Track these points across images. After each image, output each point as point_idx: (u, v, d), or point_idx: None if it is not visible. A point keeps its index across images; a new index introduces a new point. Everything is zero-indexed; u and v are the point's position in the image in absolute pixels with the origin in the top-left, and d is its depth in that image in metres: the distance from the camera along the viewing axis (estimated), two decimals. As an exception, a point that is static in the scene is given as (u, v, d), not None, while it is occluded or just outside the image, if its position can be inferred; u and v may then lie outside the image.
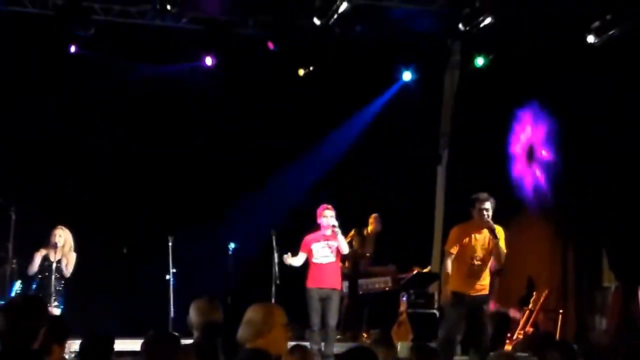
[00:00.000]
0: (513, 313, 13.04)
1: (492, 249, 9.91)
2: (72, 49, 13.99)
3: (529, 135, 14.09)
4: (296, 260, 11.37)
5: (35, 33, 13.42)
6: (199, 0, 13.22)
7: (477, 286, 10.01)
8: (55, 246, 11.19)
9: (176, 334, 6.01)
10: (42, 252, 11.19)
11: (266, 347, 5.37)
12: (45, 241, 11.27)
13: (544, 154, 13.73)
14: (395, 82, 15.37)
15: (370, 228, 14.10)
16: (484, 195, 9.90)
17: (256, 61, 14.14)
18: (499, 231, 9.93)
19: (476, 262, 9.97)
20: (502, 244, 9.89)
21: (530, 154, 14.02)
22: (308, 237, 11.47)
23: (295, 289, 11.18)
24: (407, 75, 15.27)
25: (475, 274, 10.01)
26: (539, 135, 13.85)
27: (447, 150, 15.36)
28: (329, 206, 11.45)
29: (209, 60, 14.46)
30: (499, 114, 13.98)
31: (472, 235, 9.98)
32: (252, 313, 5.49)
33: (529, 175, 14.03)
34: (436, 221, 15.19)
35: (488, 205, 9.83)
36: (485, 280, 10.07)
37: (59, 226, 11.35)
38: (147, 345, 5.47)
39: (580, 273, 13.10)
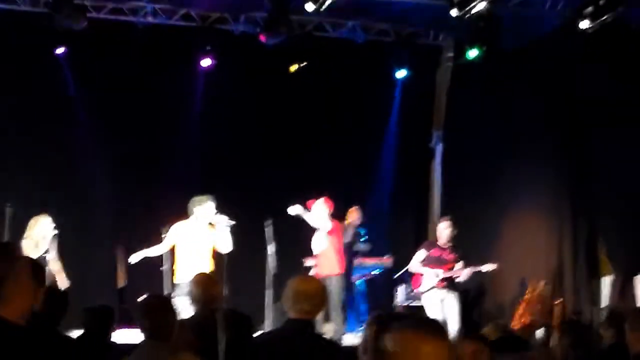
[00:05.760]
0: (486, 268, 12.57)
1: None
2: (61, 50, 13.94)
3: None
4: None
5: (26, 31, 13.36)
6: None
7: None
8: None
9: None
10: None
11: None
12: None
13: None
14: (387, 80, 15.27)
15: (348, 220, 13.88)
16: None
17: (248, 58, 14.10)
18: None
19: None
20: None
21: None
22: None
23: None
24: (400, 73, 15.23)
25: None
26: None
27: (441, 145, 15.32)
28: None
29: (205, 62, 14.36)
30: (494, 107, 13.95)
31: None
32: (305, 285, 5.42)
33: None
34: (431, 216, 15.17)
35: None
36: None
37: None
38: (146, 302, 5.39)
39: (576, 264, 13.06)
